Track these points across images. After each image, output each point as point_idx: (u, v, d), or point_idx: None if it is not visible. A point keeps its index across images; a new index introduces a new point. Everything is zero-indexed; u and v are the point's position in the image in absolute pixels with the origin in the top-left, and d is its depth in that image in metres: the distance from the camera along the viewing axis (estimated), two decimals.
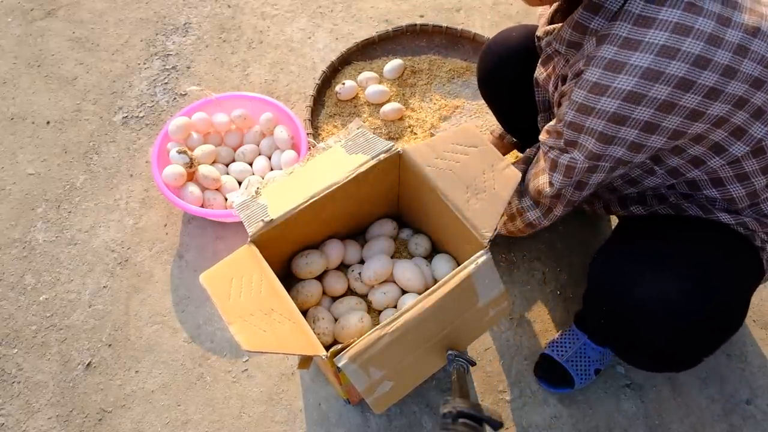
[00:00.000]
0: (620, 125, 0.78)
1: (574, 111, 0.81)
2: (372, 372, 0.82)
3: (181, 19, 1.76)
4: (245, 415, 1.16)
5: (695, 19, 0.71)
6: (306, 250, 1.07)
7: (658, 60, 0.72)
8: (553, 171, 0.91)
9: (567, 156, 0.87)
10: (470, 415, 0.72)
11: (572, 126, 0.83)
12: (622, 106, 0.76)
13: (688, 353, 0.91)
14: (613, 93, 0.76)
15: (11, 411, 1.17)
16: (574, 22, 0.82)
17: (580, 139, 0.83)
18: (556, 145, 0.88)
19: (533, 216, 1.01)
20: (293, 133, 1.38)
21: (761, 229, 0.91)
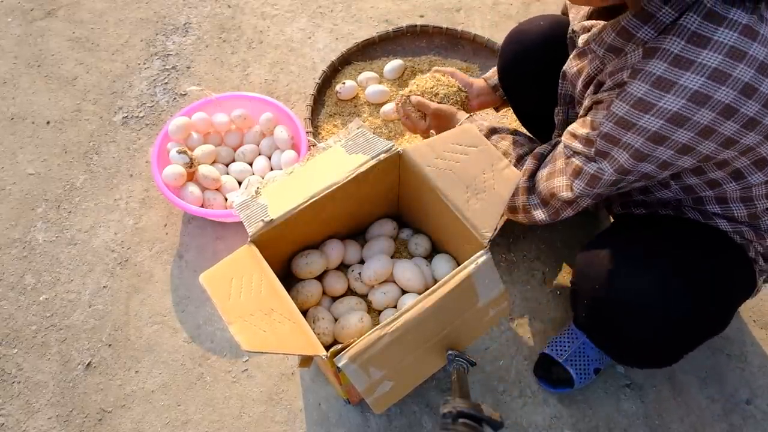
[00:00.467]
0: (658, 145, 0.77)
1: (613, 123, 0.79)
2: (372, 372, 0.82)
3: (181, 19, 1.76)
4: (245, 415, 1.16)
5: (750, 44, 0.69)
6: (306, 250, 1.07)
7: (709, 84, 0.70)
8: (575, 177, 0.89)
9: (594, 165, 0.85)
10: (470, 415, 0.72)
11: (607, 137, 0.81)
12: (664, 127, 0.74)
13: (665, 349, 0.92)
14: (658, 112, 0.74)
15: (11, 411, 1.17)
16: (620, 27, 0.79)
17: (613, 151, 0.81)
18: (584, 152, 0.86)
19: (539, 216, 0.99)
20: (293, 133, 1.38)
21: (757, 240, 0.92)
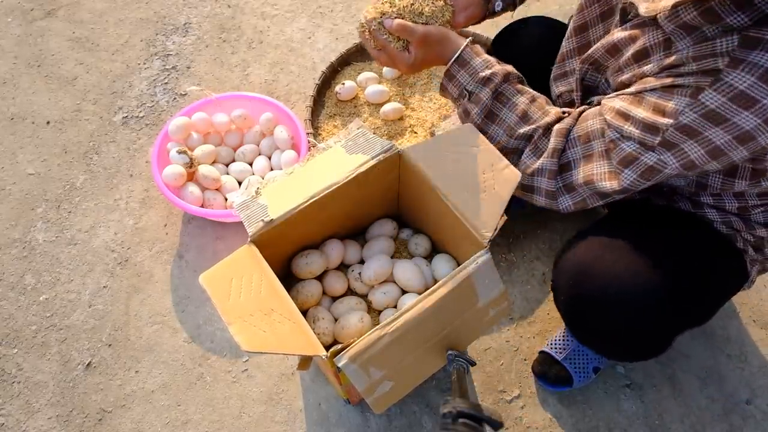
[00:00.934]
0: (741, 144, 0.70)
1: (698, 114, 0.70)
2: (372, 372, 0.82)
3: (181, 19, 1.76)
4: (245, 415, 1.16)
5: None
6: (306, 250, 1.07)
7: None
8: (625, 166, 0.79)
9: (654, 156, 0.76)
10: (470, 415, 0.72)
11: (685, 129, 0.72)
12: (759, 127, 0.68)
13: (645, 341, 0.91)
14: (760, 110, 0.67)
15: (11, 411, 1.17)
16: (707, 7, 0.70)
17: (686, 145, 0.73)
18: (641, 138, 0.76)
19: (564, 204, 0.89)
20: (293, 133, 1.38)
21: (746, 230, 0.91)
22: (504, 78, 0.90)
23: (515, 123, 0.90)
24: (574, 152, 0.86)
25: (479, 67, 0.91)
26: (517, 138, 0.90)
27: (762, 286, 1.29)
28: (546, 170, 0.87)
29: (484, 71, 0.90)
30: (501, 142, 0.92)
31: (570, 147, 0.86)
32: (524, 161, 0.91)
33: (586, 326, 0.95)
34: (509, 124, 0.91)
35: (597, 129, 0.82)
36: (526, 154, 0.90)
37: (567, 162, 0.86)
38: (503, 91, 0.91)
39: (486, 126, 0.93)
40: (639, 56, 0.79)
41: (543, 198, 0.91)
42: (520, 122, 0.90)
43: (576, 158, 0.85)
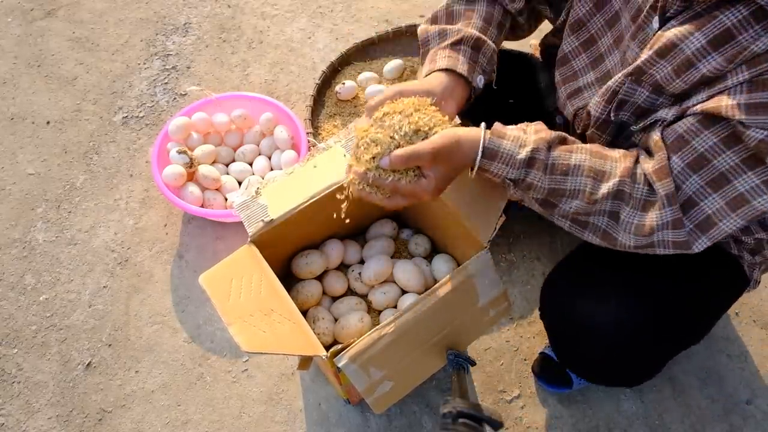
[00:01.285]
0: None
1: None
2: (372, 372, 0.82)
3: (181, 19, 1.76)
4: (245, 415, 1.16)
5: None
6: (306, 250, 1.07)
7: None
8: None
9: None
10: (470, 415, 0.73)
11: None
12: None
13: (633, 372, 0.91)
14: None
15: (11, 411, 1.17)
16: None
17: None
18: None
19: (700, 246, 0.73)
20: (293, 133, 1.38)
21: (743, 234, 0.87)
22: (548, 148, 0.75)
23: (591, 187, 0.74)
24: (691, 185, 0.70)
25: (512, 150, 0.74)
26: (601, 200, 0.74)
27: (762, 286, 1.29)
28: (669, 222, 0.71)
29: (520, 153, 0.74)
30: (579, 212, 0.76)
31: (682, 181, 0.70)
32: (629, 222, 0.74)
33: (573, 359, 0.96)
34: (583, 190, 0.74)
35: (712, 144, 0.68)
36: (628, 214, 0.74)
37: (687, 199, 0.70)
38: (555, 162, 0.75)
39: (553, 205, 0.77)
40: (719, 42, 0.66)
41: (671, 250, 0.74)
42: (596, 183, 0.74)
43: (697, 189, 0.70)
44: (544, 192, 0.75)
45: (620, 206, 0.74)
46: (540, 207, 0.79)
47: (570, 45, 0.89)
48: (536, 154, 0.74)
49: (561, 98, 0.93)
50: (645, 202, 0.73)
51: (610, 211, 0.75)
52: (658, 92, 0.75)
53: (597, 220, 0.76)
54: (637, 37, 0.77)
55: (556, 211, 0.78)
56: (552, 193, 0.76)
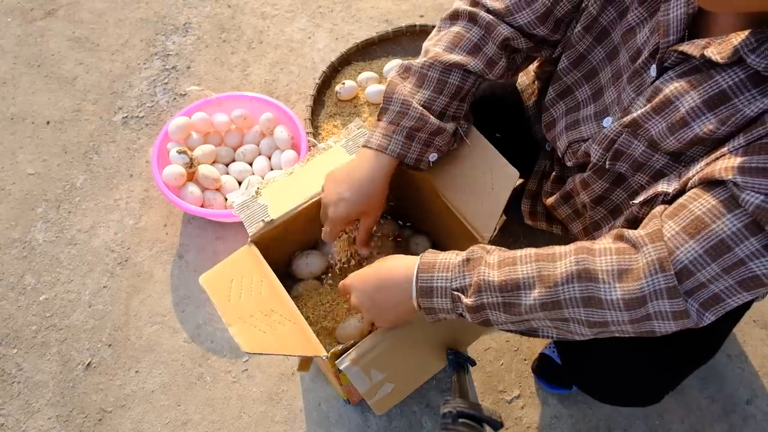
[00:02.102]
0: None
1: None
2: (373, 374, 0.82)
3: (181, 19, 1.76)
4: (245, 415, 1.16)
5: None
6: (306, 250, 1.07)
7: None
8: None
9: None
10: (470, 415, 0.73)
11: None
12: None
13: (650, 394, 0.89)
14: None
15: (11, 411, 1.17)
16: None
17: None
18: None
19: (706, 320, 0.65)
20: (293, 133, 1.38)
21: None
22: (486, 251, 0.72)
23: (546, 269, 0.67)
24: (687, 251, 0.62)
25: (449, 258, 0.72)
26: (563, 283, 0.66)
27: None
28: (662, 290, 0.63)
29: (456, 258, 0.71)
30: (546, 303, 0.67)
31: (677, 246, 0.63)
32: (611, 298, 0.65)
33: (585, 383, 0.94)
34: (539, 275, 0.67)
35: (710, 207, 0.62)
36: (605, 290, 0.65)
37: (683, 267, 0.62)
38: (499, 259, 0.70)
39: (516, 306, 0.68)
40: (714, 103, 0.65)
41: (671, 323, 0.65)
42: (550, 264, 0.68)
43: (695, 257, 0.62)
44: (496, 288, 0.68)
45: (590, 287, 0.65)
46: (505, 315, 0.69)
47: (572, 77, 0.86)
48: (472, 254, 0.71)
49: (557, 128, 0.91)
50: (620, 271, 0.64)
51: (582, 297, 0.66)
52: (653, 148, 0.72)
53: (574, 313, 0.67)
54: (633, 81, 0.76)
55: (523, 310, 0.68)
56: (506, 288, 0.68)
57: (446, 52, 0.85)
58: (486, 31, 0.85)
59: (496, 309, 0.69)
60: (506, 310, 0.69)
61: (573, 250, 0.68)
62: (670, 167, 0.72)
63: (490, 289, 0.68)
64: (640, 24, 0.75)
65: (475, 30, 0.85)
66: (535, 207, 1.10)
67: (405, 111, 0.84)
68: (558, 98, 0.90)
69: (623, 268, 0.65)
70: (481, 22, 0.84)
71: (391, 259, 0.77)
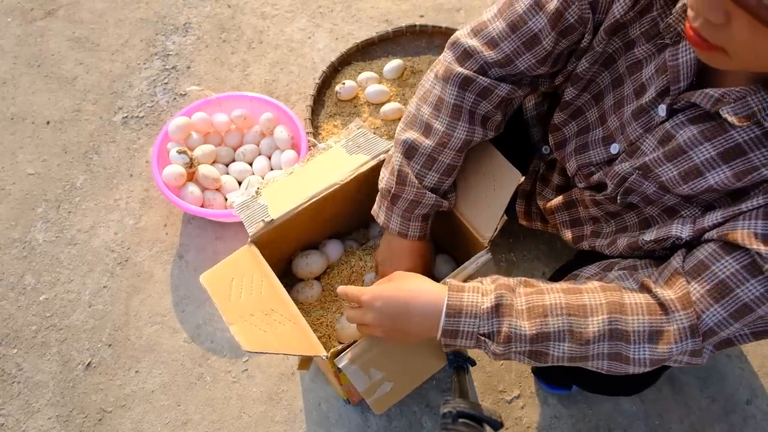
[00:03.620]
0: None
1: None
2: (372, 373, 0.82)
3: (181, 19, 1.76)
4: (245, 415, 1.16)
5: None
6: (306, 250, 1.07)
7: None
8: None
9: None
10: (470, 415, 0.72)
11: None
12: None
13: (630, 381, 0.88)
14: None
15: (11, 411, 1.17)
16: None
17: None
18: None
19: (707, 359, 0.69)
20: (293, 133, 1.38)
21: None
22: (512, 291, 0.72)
23: (578, 326, 0.69)
24: (712, 315, 0.65)
25: (475, 300, 0.71)
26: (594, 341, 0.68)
27: None
28: (689, 350, 0.67)
29: (484, 302, 0.71)
30: (575, 357, 0.69)
31: (702, 310, 0.65)
32: (640, 358, 0.68)
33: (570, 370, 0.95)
34: (570, 330, 0.69)
35: (733, 272, 0.63)
36: (635, 351, 0.67)
37: (708, 330, 0.66)
38: (529, 306, 0.70)
39: (544, 354, 0.70)
40: (729, 157, 0.64)
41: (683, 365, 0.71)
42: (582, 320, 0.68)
43: (719, 321, 0.65)
44: (527, 341, 0.69)
45: (620, 346, 0.67)
46: (529, 360, 0.71)
47: (582, 99, 0.85)
48: (501, 300, 0.70)
49: (567, 149, 0.89)
50: (651, 333, 0.66)
51: (610, 353, 0.68)
52: (664, 190, 0.72)
53: (598, 365, 0.69)
54: (640, 118, 0.74)
55: (551, 360, 0.70)
56: (536, 340, 0.69)
57: (450, 130, 0.84)
58: (481, 95, 0.83)
59: (522, 355, 0.71)
60: (532, 357, 0.71)
61: (605, 305, 0.68)
62: (681, 206, 0.72)
63: (521, 341, 0.69)
64: (646, 59, 0.73)
65: (469, 96, 0.83)
66: (529, 207, 1.10)
67: (419, 200, 0.88)
68: (570, 119, 0.87)
69: (654, 330, 0.66)
70: (477, 87, 0.82)
71: (417, 282, 0.76)
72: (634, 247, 0.78)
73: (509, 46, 0.79)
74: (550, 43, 0.77)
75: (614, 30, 0.75)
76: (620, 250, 0.80)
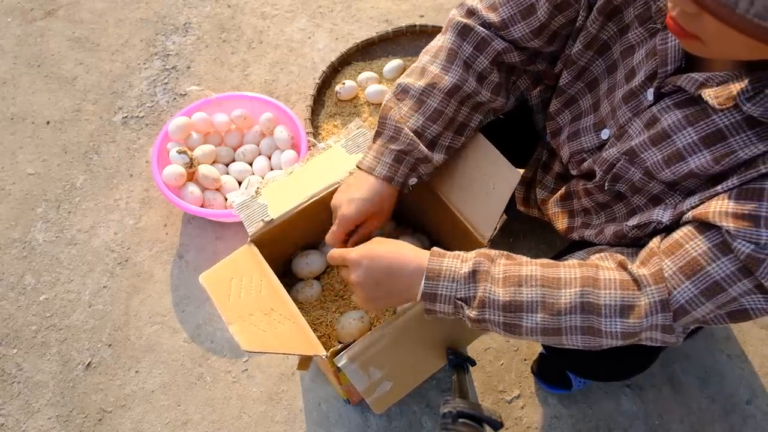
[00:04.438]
0: None
1: None
2: (372, 372, 0.82)
3: (181, 19, 1.76)
4: (245, 415, 1.16)
5: None
6: (306, 250, 1.07)
7: None
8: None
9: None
10: (470, 415, 0.73)
11: None
12: None
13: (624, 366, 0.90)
14: None
15: (11, 411, 1.17)
16: None
17: None
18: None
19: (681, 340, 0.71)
20: (293, 133, 1.38)
21: None
22: (491, 260, 0.73)
23: (550, 296, 0.69)
24: (684, 292, 0.65)
25: (454, 265, 0.72)
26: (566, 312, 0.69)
27: None
28: (659, 325, 0.68)
29: (462, 267, 0.71)
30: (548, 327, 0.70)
31: (674, 286, 0.66)
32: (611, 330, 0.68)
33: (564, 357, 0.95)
34: (543, 302, 0.69)
35: (705, 250, 0.64)
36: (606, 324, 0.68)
37: (679, 307, 0.66)
38: (505, 275, 0.71)
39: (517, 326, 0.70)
40: (710, 141, 0.66)
41: (658, 342, 0.71)
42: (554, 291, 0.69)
43: (690, 298, 0.66)
44: (500, 307, 0.70)
45: (592, 319, 0.68)
46: (504, 332, 0.72)
47: (576, 88, 0.87)
48: (479, 266, 0.71)
49: (561, 137, 0.91)
50: (623, 307, 0.67)
51: (582, 326, 0.69)
52: (649, 176, 0.74)
53: (571, 339, 0.70)
54: (630, 102, 0.76)
55: (524, 331, 0.70)
56: (509, 308, 0.69)
57: (443, 72, 0.86)
58: (478, 48, 0.85)
59: (496, 325, 0.71)
60: (506, 329, 0.71)
61: (579, 279, 0.69)
62: (666, 194, 0.74)
63: (494, 307, 0.70)
64: (639, 44, 0.75)
65: (466, 46, 0.85)
66: (528, 194, 1.10)
67: (396, 136, 0.85)
68: (563, 108, 0.89)
69: (626, 304, 0.67)
70: (475, 37, 0.84)
71: (403, 246, 0.77)
72: (620, 234, 0.79)
73: (506, 12, 0.82)
74: (544, 15, 0.80)
75: (609, 13, 0.77)
76: (607, 239, 0.82)
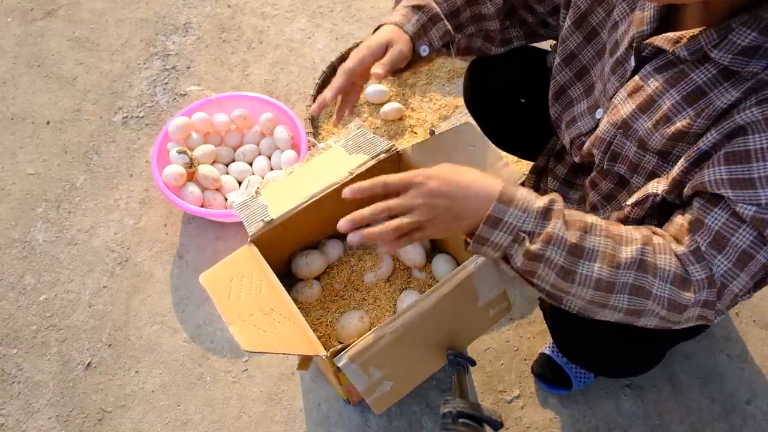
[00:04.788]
0: None
1: None
2: (372, 372, 0.82)
3: (181, 19, 1.76)
4: (245, 415, 1.16)
5: None
6: (306, 250, 1.07)
7: None
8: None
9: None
10: (470, 415, 0.73)
11: None
12: None
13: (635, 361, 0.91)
14: None
15: (11, 411, 1.17)
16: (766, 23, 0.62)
17: None
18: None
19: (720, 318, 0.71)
20: (293, 133, 1.38)
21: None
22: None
23: (613, 248, 0.66)
24: (719, 266, 0.66)
25: (528, 197, 0.66)
26: (625, 266, 0.65)
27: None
28: (702, 300, 0.67)
29: (537, 202, 0.66)
30: (602, 280, 0.65)
31: (710, 263, 0.66)
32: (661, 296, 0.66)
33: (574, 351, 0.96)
34: (604, 252, 0.66)
35: (724, 221, 0.64)
36: (658, 287, 0.66)
37: (721, 283, 0.66)
38: (572, 219, 0.67)
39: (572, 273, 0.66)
40: (692, 99, 0.68)
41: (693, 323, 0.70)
42: (617, 245, 0.66)
43: (725, 272, 0.66)
44: (565, 248, 0.65)
45: (644, 279, 0.65)
46: (555, 277, 0.66)
47: (564, 77, 0.90)
48: (553, 205, 0.66)
49: (561, 126, 0.92)
50: (675, 276, 0.66)
51: (633, 284, 0.65)
52: (643, 148, 0.74)
53: (618, 300, 0.66)
54: (617, 71, 0.78)
55: (578, 279, 0.65)
56: (573, 252, 0.65)
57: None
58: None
59: (551, 268, 0.65)
60: (559, 274, 0.66)
61: (640, 238, 0.67)
62: (660, 168, 0.74)
63: (560, 246, 0.65)
64: (622, 19, 0.78)
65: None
66: (538, 183, 1.07)
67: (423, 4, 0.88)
68: (554, 99, 0.92)
69: (679, 274, 0.66)
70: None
71: (467, 167, 0.71)
72: (621, 218, 0.79)
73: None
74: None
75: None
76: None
